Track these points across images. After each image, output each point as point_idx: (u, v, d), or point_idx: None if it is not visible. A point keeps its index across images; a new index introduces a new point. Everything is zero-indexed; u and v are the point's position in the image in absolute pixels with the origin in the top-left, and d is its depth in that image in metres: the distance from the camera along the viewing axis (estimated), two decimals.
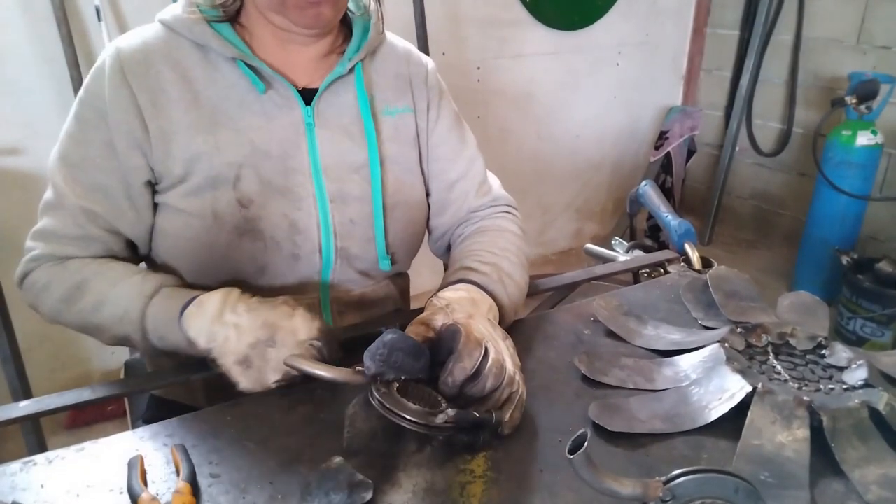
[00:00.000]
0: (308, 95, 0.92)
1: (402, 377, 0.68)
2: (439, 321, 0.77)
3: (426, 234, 1.10)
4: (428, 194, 1.06)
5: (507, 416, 0.70)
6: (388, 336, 0.68)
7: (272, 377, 0.75)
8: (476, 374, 0.69)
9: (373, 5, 0.98)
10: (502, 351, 0.74)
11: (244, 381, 0.75)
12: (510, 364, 0.73)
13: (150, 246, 0.94)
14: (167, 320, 0.81)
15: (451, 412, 0.66)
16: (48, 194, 0.89)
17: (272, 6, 0.85)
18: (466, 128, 1.09)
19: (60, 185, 0.87)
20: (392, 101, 0.99)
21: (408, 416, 0.64)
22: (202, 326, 0.77)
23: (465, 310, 0.79)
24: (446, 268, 1.02)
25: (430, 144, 1.04)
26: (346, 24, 0.98)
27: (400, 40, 1.06)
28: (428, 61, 1.06)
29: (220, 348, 0.75)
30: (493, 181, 1.11)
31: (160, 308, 0.82)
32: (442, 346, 0.74)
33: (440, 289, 0.88)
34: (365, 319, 1.01)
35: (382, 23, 0.99)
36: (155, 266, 0.95)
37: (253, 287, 0.90)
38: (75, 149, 0.88)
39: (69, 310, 0.86)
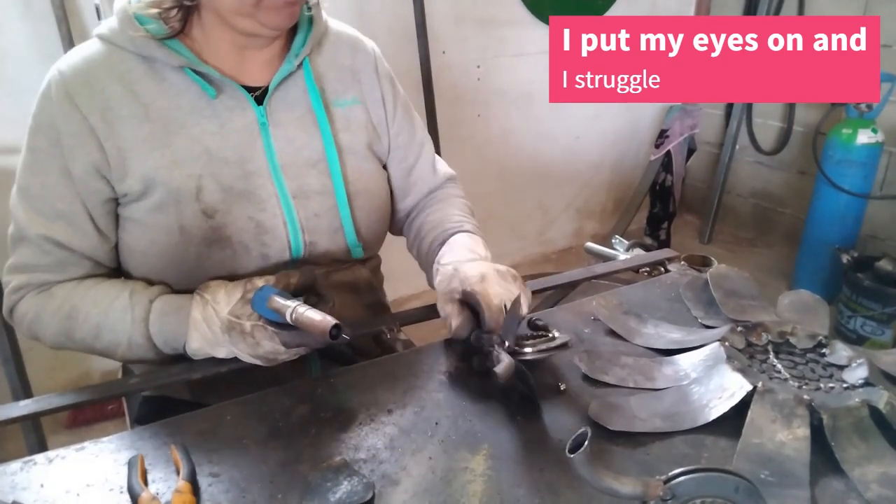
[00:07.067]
0: (261, 97, 0.92)
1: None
2: (458, 288, 0.86)
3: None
4: (389, 180, 1.08)
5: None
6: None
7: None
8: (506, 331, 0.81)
9: None
10: (514, 294, 0.84)
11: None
12: (525, 307, 0.85)
13: (118, 262, 0.95)
14: (174, 336, 0.82)
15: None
16: (12, 228, 0.89)
17: (243, 10, 0.83)
18: (413, 110, 1.11)
19: (21, 217, 0.87)
20: (341, 92, 0.99)
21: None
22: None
23: (472, 266, 0.88)
24: (409, 246, 1.13)
25: (391, 134, 1.05)
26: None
27: (343, 27, 1.04)
28: (373, 47, 1.06)
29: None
30: (439, 162, 1.15)
31: (159, 328, 0.83)
32: (472, 309, 0.86)
33: (435, 240, 1.01)
34: (340, 301, 1.02)
35: (320, 10, 0.97)
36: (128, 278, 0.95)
37: None
38: (33, 180, 0.87)
39: (71, 341, 0.87)
